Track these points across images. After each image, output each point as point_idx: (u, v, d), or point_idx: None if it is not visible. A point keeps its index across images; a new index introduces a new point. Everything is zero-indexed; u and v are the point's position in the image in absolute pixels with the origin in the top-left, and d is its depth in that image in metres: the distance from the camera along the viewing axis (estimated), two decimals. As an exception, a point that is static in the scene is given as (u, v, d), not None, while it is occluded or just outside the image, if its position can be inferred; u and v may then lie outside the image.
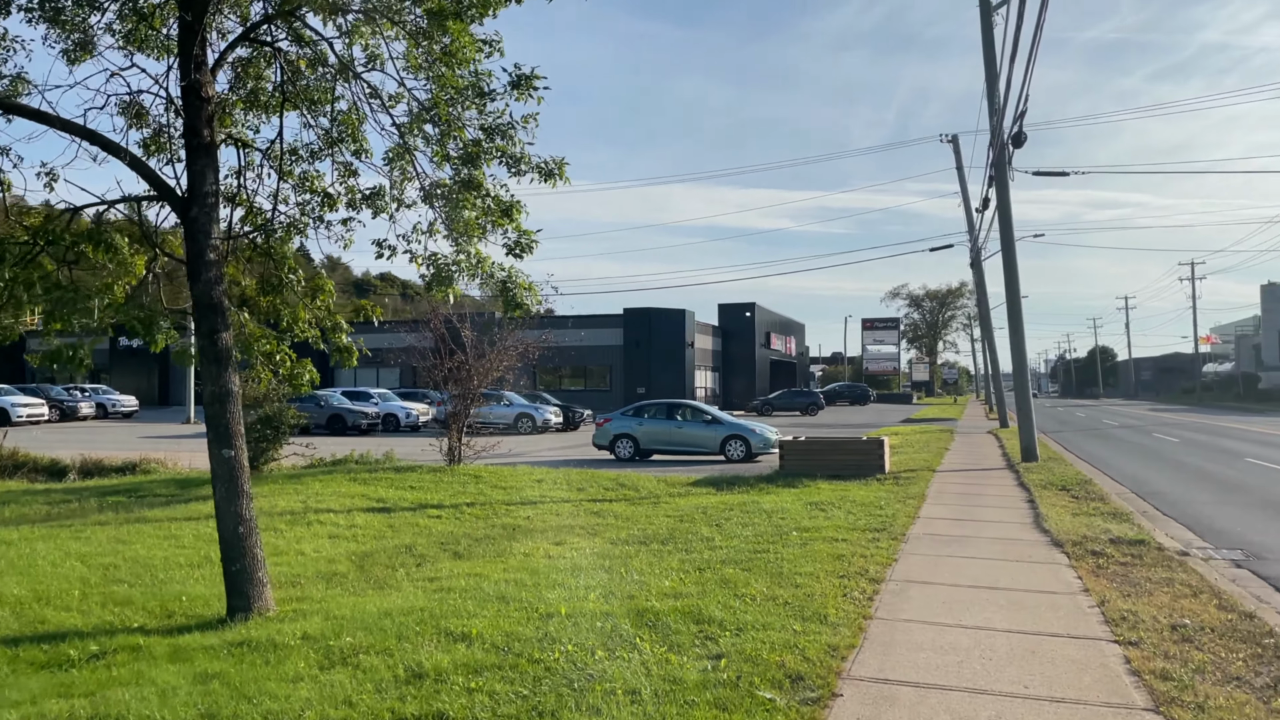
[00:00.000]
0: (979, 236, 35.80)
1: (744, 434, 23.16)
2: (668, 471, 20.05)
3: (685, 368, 53.34)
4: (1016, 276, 19.57)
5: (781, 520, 11.76)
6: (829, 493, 14.83)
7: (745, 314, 64.21)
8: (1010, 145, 18.30)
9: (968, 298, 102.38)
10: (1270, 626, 6.38)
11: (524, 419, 37.62)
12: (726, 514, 12.50)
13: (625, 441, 23.92)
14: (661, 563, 8.76)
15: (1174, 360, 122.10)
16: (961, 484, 16.58)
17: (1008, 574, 8.43)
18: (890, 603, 7.16)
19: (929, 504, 13.62)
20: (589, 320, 55.69)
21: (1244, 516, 13.01)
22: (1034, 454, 19.92)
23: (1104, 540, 10.11)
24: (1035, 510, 12.69)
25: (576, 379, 56.49)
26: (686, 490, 15.82)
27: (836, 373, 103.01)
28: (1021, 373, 20.35)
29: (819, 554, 9.05)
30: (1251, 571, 9.28)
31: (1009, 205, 19.67)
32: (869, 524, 11.29)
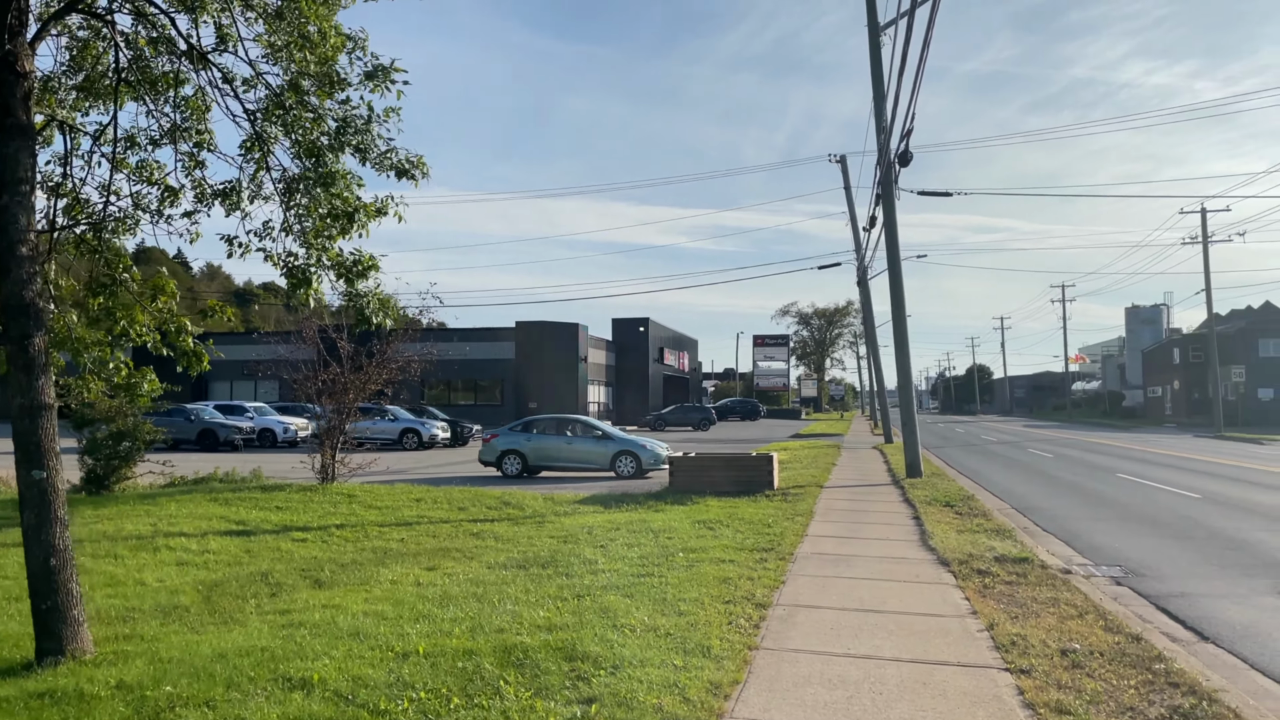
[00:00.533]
0: (865, 255, 36.49)
1: (635, 450, 22.76)
2: (556, 489, 19.47)
3: (578, 382, 52.80)
4: (902, 292, 19.79)
5: (669, 540, 11.34)
6: (718, 510, 14.52)
7: (639, 329, 64.15)
8: (897, 164, 18.49)
9: (854, 316, 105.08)
10: (1158, 650, 6.25)
11: (409, 434, 36.43)
12: (613, 534, 12.01)
13: (513, 458, 23.23)
14: (539, 589, 8.20)
15: (1046, 378, 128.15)
16: (848, 500, 16.53)
17: (896, 596, 8.18)
18: (777, 630, 6.78)
19: (817, 521, 13.44)
20: (480, 333, 54.63)
21: (1119, 532, 13.25)
22: (918, 470, 20.12)
23: (989, 559, 10.03)
24: (921, 528, 12.62)
25: (467, 393, 55.25)
26: (574, 509, 15.27)
27: (728, 388, 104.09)
28: (907, 390, 20.57)
29: (705, 577, 8.64)
30: (1131, 589, 9.31)
31: (895, 223, 19.89)
32: (757, 544, 10.97)
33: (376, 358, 17.76)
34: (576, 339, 52.82)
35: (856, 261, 37.64)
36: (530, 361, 52.43)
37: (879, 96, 19.46)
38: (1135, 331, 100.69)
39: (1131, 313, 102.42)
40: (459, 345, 53.78)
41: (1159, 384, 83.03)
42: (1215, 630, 7.48)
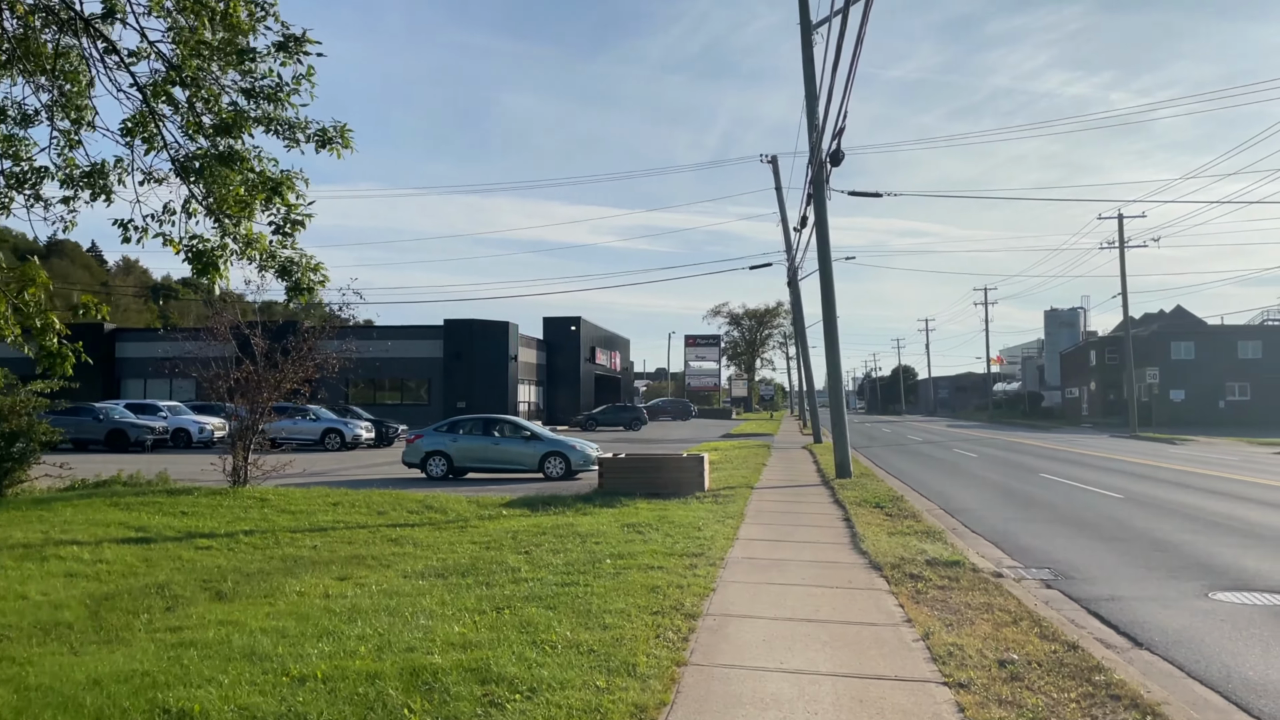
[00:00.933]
0: (796, 256, 36.62)
1: (564, 451, 22.31)
2: (482, 491, 18.92)
3: (508, 382, 52.04)
4: (833, 291, 19.72)
5: (596, 545, 10.95)
6: (648, 513, 14.18)
7: (571, 328, 63.58)
8: (828, 163, 18.40)
9: (784, 317, 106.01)
10: (1097, 660, 6.07)
11: (332, 435, 35.36)
12: (538, 539, 11.57)
13: (438, 459, 22.58)
14: (456, 601, 7.73)
15: (968, 379, 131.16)
16: (779, 502, 16.35)
17: (829, 603, 7.92)
18: (707, 643, 6.44)
19: (748, 524, 13.19)
20: (407, 331, 53.49)
21: (1047, 533, 13.28)
22: (848, 470, 20.08)
23: (921, 562, 9.86)
24: (852, 530, 12.45)
25: (393, 393, 54.04)
26: (499, 512, 14.78)
27: (660, 388, 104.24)
28: (837, 390, 20.52)
29: (633, 585, 8.27)
30: (1062, 592, 9.22)
31: (826, 222, 19.81)
32: (687, 548, 10.64)
33: (293, 354, 16.99)
34: (506, 338, 52.05)
35: (787, 262, 37.78)
36: (459, 360, 51.49)
37: (811, 95, 19.36)
38: (1054, 334, 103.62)
39: (1050, 316, 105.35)
40: (384, 343, 52.64)
41: (1076, 385, 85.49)
42: (1149, 636, 7.38)
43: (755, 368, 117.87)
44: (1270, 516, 14.66)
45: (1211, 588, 9.20)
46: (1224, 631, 7.43)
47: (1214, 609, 8.26)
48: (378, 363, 44.73)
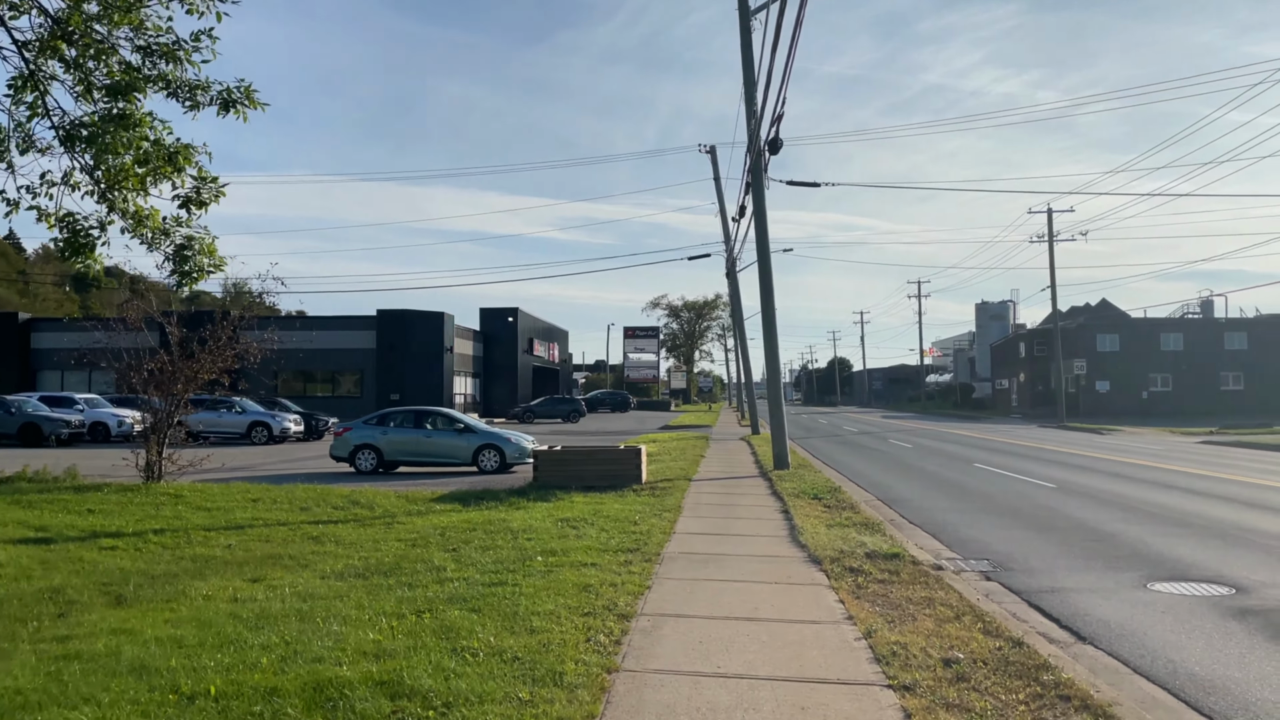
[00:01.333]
0: (734, 247, 36.46)
1: (498, 443, 21.78)
2: (413, 485, 18.33)
3: (443, 373, 51.11)
4: (771, 280, 19.52)
5: (528, 542, 10.53)
6: (583, 507, 13.79)
7: (508, 319, 62.79)
8: (767, 151, 18.16)
9: (722, 309, 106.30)
10: (1043, 657, 5.86)
11: (258, 428, 34.27)
12: (468, 536, 11.11)
13: (367, 453, 21.88)
14: (375, 604, 7.25)
15: (901, 371, 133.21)
16: (717, 494, 16.09)
17: (768, 600, 7.63)
18: (641, 647, 6.08)
19: (685, 517, 12.88)
20: (338, 322, 52.24)
21: (984, 524, 13.22)
22: (786, 461, 19.93)
23: (860, 555, 9.65)
24: (791, 522, 12.23)
25: (325, 385, 52.73)
26: (428, 507, 14.26)
27: (599, 380, 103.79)
28: (775, 381, 20.35)
29: (564, 585, 7.87)
30: (1002, 584, 9.08)
31: (764, 211, 19.59)
32: (622, 544, 10.28)
33: (210, 344, 16.21)
34: (442, 329, 51.12)
35: (726, 253, 37.60)
36: (393, 351, 50.41)
37: (749, 81, 19.10)
38: (985, 327, 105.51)
39: (981, 308, 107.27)
40: (315, 334, 51.31)
41: (1006, 376, 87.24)
42: (1091, 629, 7.22)
43: (694, 360, 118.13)
44: (1200, 505, 14.84)
45: (1149, 578, 9.15)
46: (1166, 624, 7.32)
47: (1154, 600, 8.17)
48: (301, 353, 43.48)
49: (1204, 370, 67.21)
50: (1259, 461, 24.64)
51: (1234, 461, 24.49)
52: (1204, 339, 68.60)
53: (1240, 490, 16.96)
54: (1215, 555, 10.30)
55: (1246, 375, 67.11)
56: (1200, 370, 67.21)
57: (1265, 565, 9.72)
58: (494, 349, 61.96)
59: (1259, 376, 66.59)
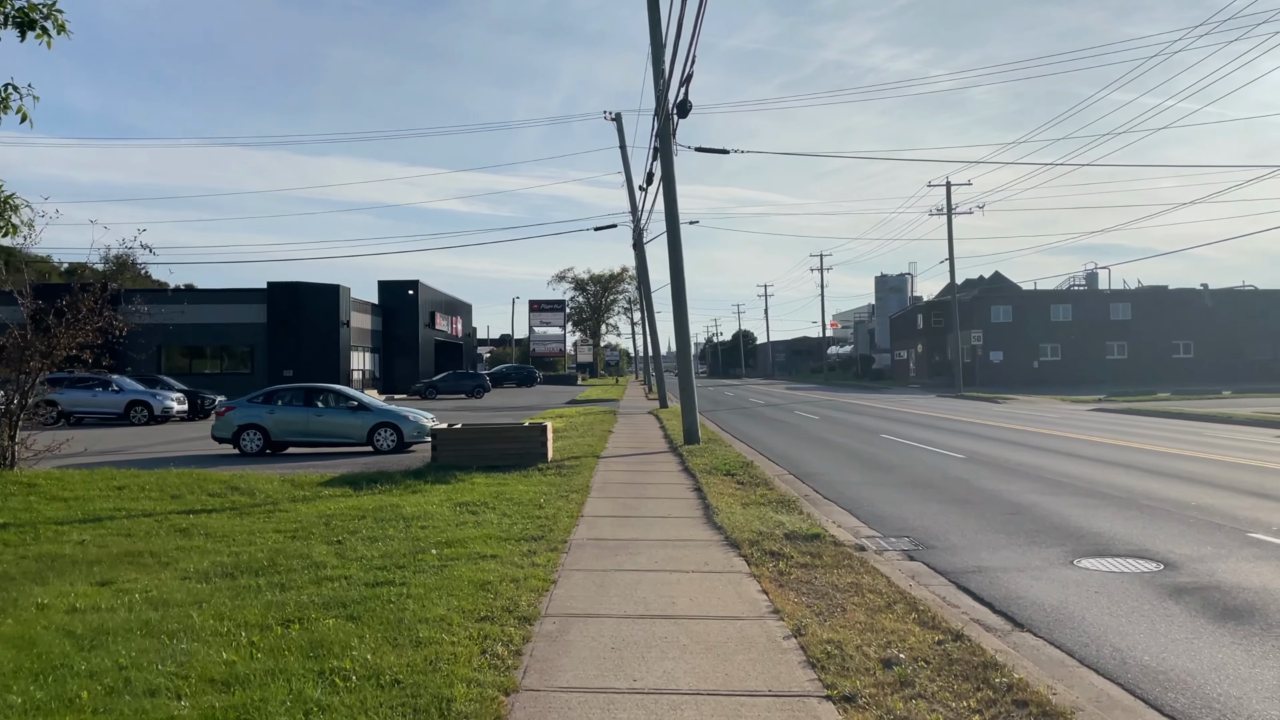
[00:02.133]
0: (642, 218, 35.75)
1: (395, 422, 20.66)
2: (302, 468, 17.14)
3: (340, 348, 49.13)
4: (680, 248, 18.86)
5: (422, 530, 9.65)
6: (484, 489, 12.94)
7: (408, 292, 60.78)
8: (675, 114, 17.42)
9: (629, 283, 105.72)
10: (988, 653, 5.34)
11: (138, 408, 32.12)
12: (355, 525, 10.16)
13: (253, 433, 20.49)
14: (239, 612, 6.31)
15: (804, 343, 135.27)
16: (627, 471, 15.43)
17: (686, 592, 6.96)
18: (545, 658, 5.33)
19: (593, 498, 12.16)
20: (226, 295, 49.65)
21: (899, 498, 12.88)
22: (696, 436, 19.41)
23: (780, 537, 9.09)
24: (704, 501, 11.63)
25: (213, 361, 50.14)
26: (315, 492, 13.19)
27: (504, 354, 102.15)
28: (685, 352, 19.76)
29: (459, 582, 7.05)
30: (926, 564, 8.64)
31: (673, 177, 18.89)
32: (525, 530, 9.50)
33: (68, 317, 14.67)
34: (337, 302, 49.05)
35: (632, 223, 36.83)
36: (285, 326, 48.16)
37: (656, 41, 18.29)
38: (884, 299, 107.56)
39: (880, 281, 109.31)
40: (203, 308, 48.68)
41: (905, 348, 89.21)
42: (1027, 614, 6.79)
43: (601, 333, 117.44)
44: (1108, 474, 14.85)
45: (1074, 554, 8.84)
46: (1102, 606, 6.93)
47: (1084, 579, 7.82)
48: (187, 328, 40.96)
49: (1091, 340, 69.83)
50: (1150, 428, 25.30)
51: (1128, 428, 25.08)
52: (1091, 310, 71.22)
53: (1143, 458, 17.16)
54: (1135, 528, 10.11)
55: (1130, 345, 69.99)
56: (1087, 340, 69.80)
57: (1186, 538, 9.54)
58: (394, 323, 59.95)
59: (1141, 346, 69.57)
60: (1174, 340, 70.23)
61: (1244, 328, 69.59)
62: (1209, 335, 69.66)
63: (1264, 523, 10.23)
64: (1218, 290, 73.04)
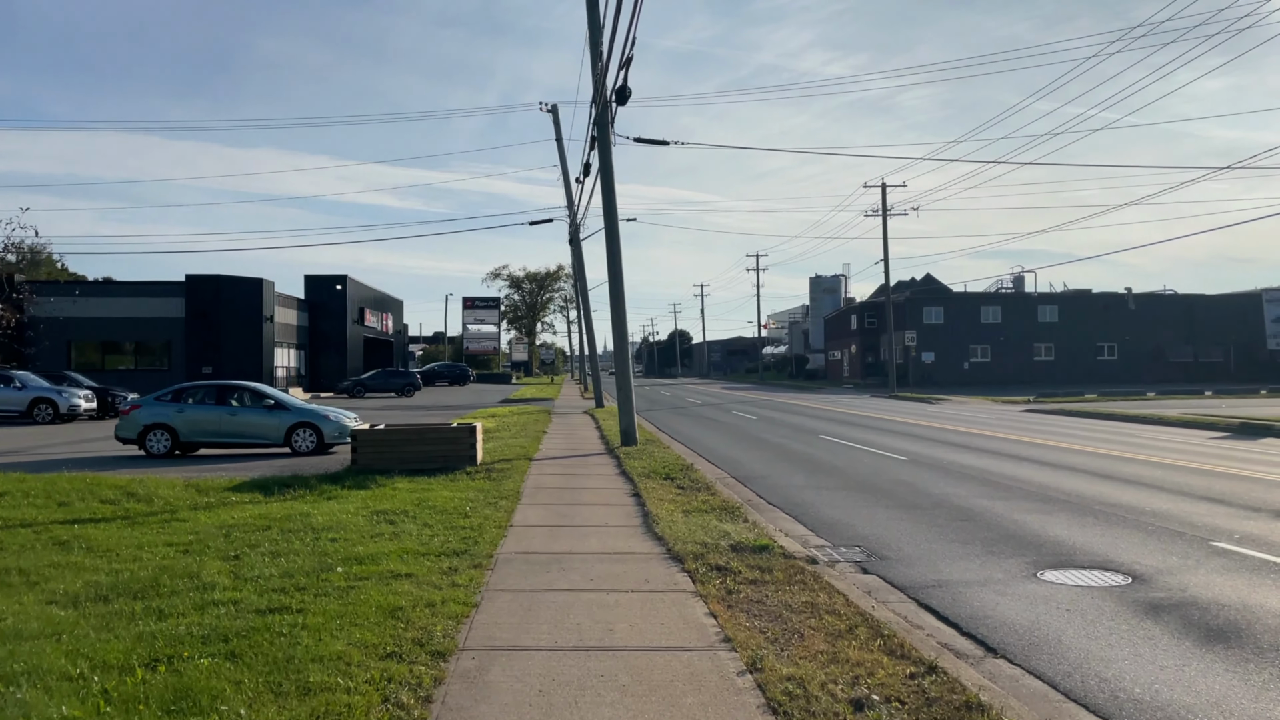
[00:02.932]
0: (578, 212, 34.91)
1: (315, 421, 19.52)
2: (211, 471, 15.98)
3: (263, 344, 47.28)
4: (618, 240, 18.10)
5: (332, 543, 8.74)
6: (406, 495, 12.02)
7: (336, 287, 58.92)
8: (614, 101, 16.65)
9: (565, 281, 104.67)
10: (969, 690, 4.69)
11: (42, 405, 30.32)
12: (259, 536, 9.19)
13: (160, 433, 19.17)
14: (101, 647, 5.37)
15: (739, 343, 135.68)
16: (561, 475, 14.62)
17: (625, 618, 6.21)
18: (459, 705, 4.52)
19: (525, 505, 11.34)
20: (142, 288, 47.44)
21: (844, 503, 12.32)
22: (633, 437, 18.68)
23: (725, 548, 8.41)
24: (644, 508, 10.89)
25: (128, 357, 47.82)
26: (221, 499, 12.13)
27: (438, 352, 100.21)
28: (623, 350, 19.01)
29: (366, 608, 6.19)
30: (882, 578, 8.02)
31: (611, 167, 18.11)
32: (447, 543, 8.64)
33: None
34: (260, 296, 47.17)
35: (569, 218, 35.96)
36: (205, 321, 46.15)
37: (594, 21, 17.46)
38: (818, 300, 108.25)
39: (815, 282, 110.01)
40: (117, 301, 46.52)
41: (839, 348, 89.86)
42: (999, 637, 6.19)
43: (536, 332, 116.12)
44: (1054, 478, 14.52)
45: (1036, 565, 8.32)
46: (1078, 627, 6.37)
47: (1051, 595, 7.27)
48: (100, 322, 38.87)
49: (1019, 342, 71.02)
50: (1085, 429, 25.35)
51: (1063, 429, 25.08)
52: (1019, 312, 72.44)
53: (1086, 460, 16.92)
54: (1094, 536, 9.66)
55: (1057, 346, 71.37)
56: (1016, 342, 70.97)
57: (1148, 548, 9.10)
58: (321, 319, 58.05)
59: (1067, 347, 70.99)
60: (1098, 342, 71.83)
61: (1165, 331, 71.48)
62: (1132, 338, 71.39)
63: (1223, 530, 9.87)
64: (1140, 294, 74.89)
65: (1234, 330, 70.98)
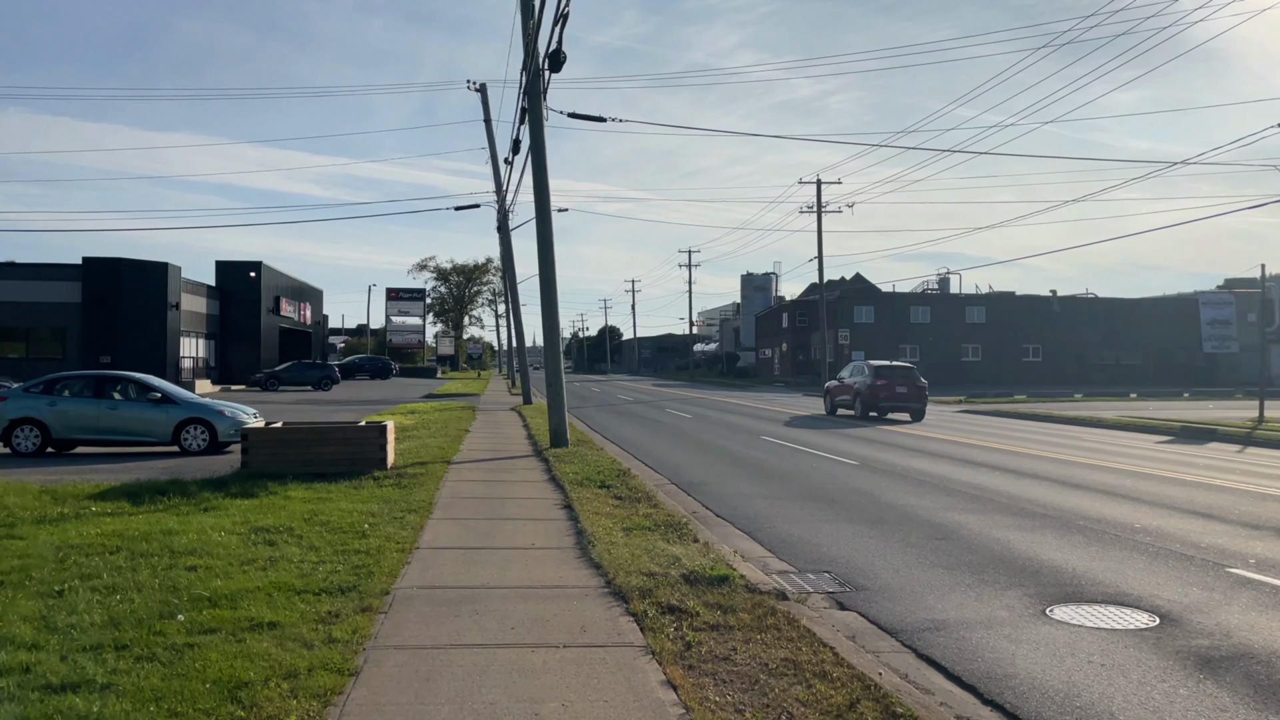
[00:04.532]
0: (507, 197, 33.10)
1: (208, 417, 17.52)
2: (80, 473, 13.98)
3: (168, 333, 44.29)
4: (549, 223, 16.52)
5: (190, 572, 7.04)
6: (298, 506, 10.29)
7: (250, 274, 55.86)
8: (547, 67, 15.06)
9: (494, 274, 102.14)
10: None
11: (-93, 396, 27.31)
12: (101, 562, 7.44)
13: (28, 429, 16.99)
14: None
15: (669, 340, 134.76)
16: (482, 481, 13.01)
17: (555, 693, 4.70)
18: None
19: (436, 520, 9.72)
20: (32, 271, 44.05)
21: (802, 515, 10.98)
22: (564, 438, 17.13)
23: (677, 579, 6.95)
24: (577, 525, 9.37)
25: (16, 344, 44.37)
26: (77, 509, 10.25)
27: (360, 345, 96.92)
28: (554, 342, 17.46)
29: (198, 686, 4.55)
30: (865, 618, 6.66)
31: (543, 143, 16.51)
32: (333, 574, 7.01)
33: None
34: (165, 281, 44.16)
35: (497, 204, 34.11)
36: (103, 306, 43.01)
37: (528, -20, 15.90)
38: (749, 298, 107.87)
39: (746, 280, 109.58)
40: (4, 284, 43.16)
41: (769, 346, 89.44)
42: (1034, 709, 4.84)
43: (464, 325, 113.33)
44: (1021, 486, 13.45)
45: (1041, 599, 7.05)
46: (1127, 693, 5.07)
47: (1076, 642, 5.98)
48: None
49: (947, 342, 71.28)
50: (1028, 431, 24.61)
51: (1005, 431, 24.31)
52: (948, 313, 72.74)
53: (1048, 467, 15.93)
54: (1093, 560, 8.46)
55: (984, 347, 71.86)
56: (944, 342, 71.21)
57: (1161, 575, 7.92)
58: (233, 308, 54.97)
59: (994, 348, 71.54)
60: (1024, 344, 72.53)
61: (1088, 334, 72.52)
62: (1056, 340, 72.26)
63: (1232, 553, 8.78)
64: (1064, 297, 75.95)
65: (1156, 335, 72.37)
